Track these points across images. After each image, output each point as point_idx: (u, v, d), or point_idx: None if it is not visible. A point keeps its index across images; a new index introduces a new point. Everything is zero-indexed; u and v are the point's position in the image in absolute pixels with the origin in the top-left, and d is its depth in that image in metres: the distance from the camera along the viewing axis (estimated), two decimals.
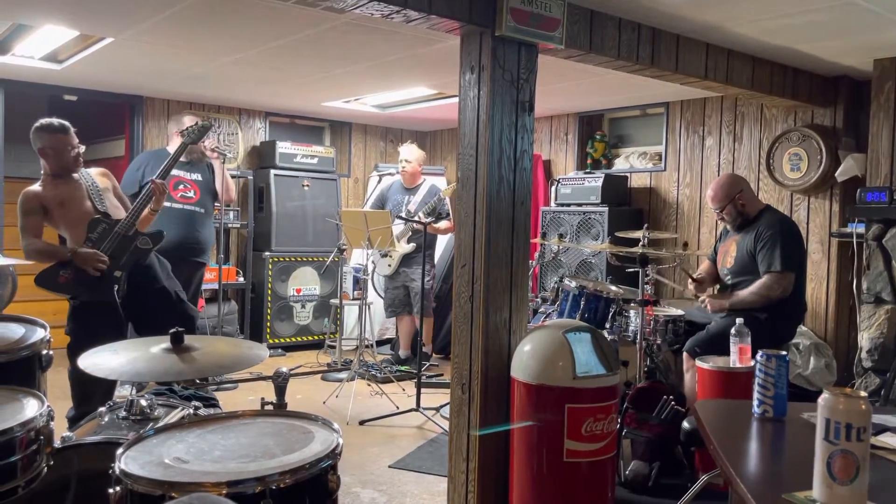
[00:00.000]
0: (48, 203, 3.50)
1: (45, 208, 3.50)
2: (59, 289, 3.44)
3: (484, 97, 2.91)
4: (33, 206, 3.48)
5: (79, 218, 3.52)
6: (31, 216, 3.47)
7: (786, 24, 3.45)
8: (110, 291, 3.44)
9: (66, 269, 3.43)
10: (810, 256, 4.74)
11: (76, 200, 3.55)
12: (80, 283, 3.43)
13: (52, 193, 3.51)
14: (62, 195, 3.52)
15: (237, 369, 2.10)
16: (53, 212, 3.52)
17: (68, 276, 3.42)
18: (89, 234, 3.49)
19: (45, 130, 3.51)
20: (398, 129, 7.68)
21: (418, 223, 5.09)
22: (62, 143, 3.52)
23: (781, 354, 1.86)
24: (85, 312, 3.50)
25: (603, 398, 2.79)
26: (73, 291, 3.47)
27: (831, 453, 1.26)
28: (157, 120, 6.23)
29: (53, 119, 3.59)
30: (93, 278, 3.44)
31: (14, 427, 1.72)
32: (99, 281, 3.44)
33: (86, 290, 3.45)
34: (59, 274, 3.42)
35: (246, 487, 1.53)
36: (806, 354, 4.52)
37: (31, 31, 4.17)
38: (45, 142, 3.51)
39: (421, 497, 3.29)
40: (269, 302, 6.27)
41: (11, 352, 2.28)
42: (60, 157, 3.52)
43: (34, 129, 3.54)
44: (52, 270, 3.43)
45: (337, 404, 4.65)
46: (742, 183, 3.84)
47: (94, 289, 3.44)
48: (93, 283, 3.44)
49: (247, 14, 3.59)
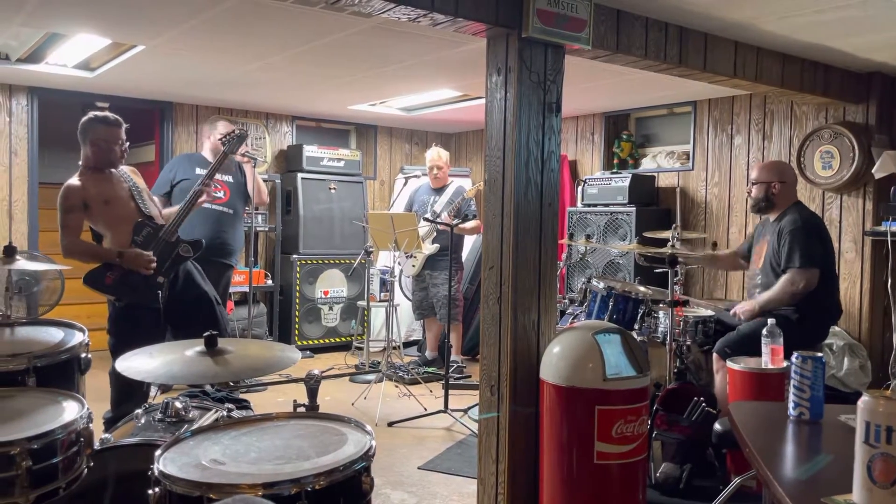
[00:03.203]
0: (91, 200, 3.46)
1: (87, 205, 3.46)
2: (105, 290, 3.47)
3: (511, 99, 2.91)
4: (76, 202, 3.44)
5: (123, 218, 3.52)
6: (74, 213, 3.44)
7: (816, 20, 3.40)
8: (154, 295, 3.48)
9: (113, 270, 3.45)
10: (843, 255, 4.66)
11: (121, 200, 3.54)
12: (126, 285, 3.46)
13: (97, 190, 3.48)
14: (107, 193, 3.50)
15: (270, 372, 2.13)
16: (95, 209, 3.48)
17: (114, 278, 3.44)
18: (135, 237, 3.51)
19: (102, 122, 3.51)
20: (423, 132, 7.70)
21: (445, 225, 5.09)
22: (115, 136, 3.52)
23: (817, 356, 1.84)
24: (128, 314, 3.52)
25: (633, 400, 2.78)
26: (118, 293, 3.49)
27: (871, 456, 1.24)
28: (187, 125, 6.32)
29: (108, 112, 3.59)
30: (138, 282, 3.47)
31: (56, 429, 1.75)
32: (143, 285, 3.48)
33: (131, 293, 3.48)
34: (106, 275, 3.44)
35: (282, 489, 1.55)
36: (840, 355, 4.44)
37: (65, 40, 4.26)
38: (100, 133, 3.50)
39: (450, 498, 3.30)
40: (297, 304, 6.32)
41: (52, 355, 2.32)
42: (110, 150, 3.51)
43: (88, 120, 3.53)
44: (100, 271, 3.45)
45: (365, 406, 4.68)
46: (788, 176, 3.78)
47: (139, 292, 3.48)
48: (138, 286, 3.47)
49: (274, 20, 3.63)
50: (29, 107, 5.66)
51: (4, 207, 5.61)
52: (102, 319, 6.30)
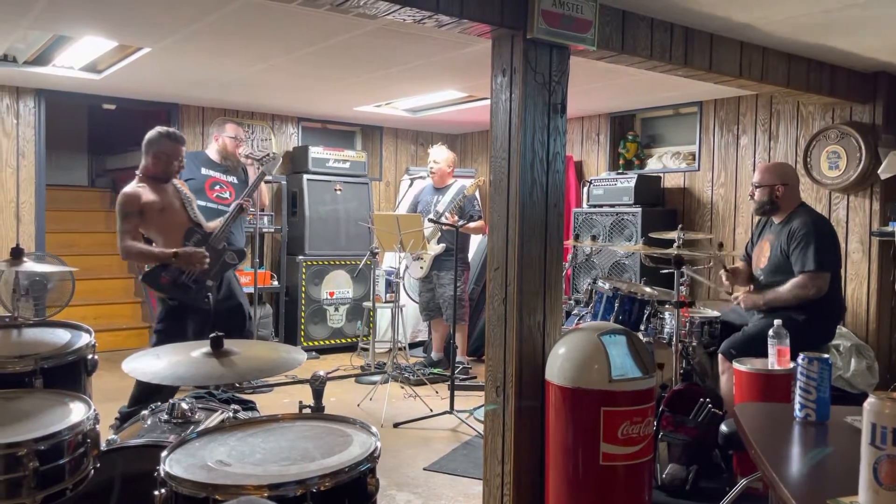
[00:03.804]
0: (148, 208, 3.70)
1: (143, 212, 3.69)
2: (160, 288, 3.74)
3: (516, 100, 2.91)
4: (134, 209, 3.66)
5: (175, 225, 3.80)
6: (132, 218, 3.66)
7: (821, 20, 3.39)
8: (204, 297, 3.78)
9: (167, 271, 3.70)
10: (850, 256, 4.65)
11: (175, 209, 3.82)
12: (179, 285, 3.73)
13: (153, 199, 3.72)
14: (163, 202, 3.76)
15: (276, 373, 2.13)
16: (151, 216, 3.71)
17: (169, 278, 3.70)
18: (185, 243, 3.78)
19: (170, 138, 3.81)
20: (429, 133, 7.70)
21: (449, 225, 5.09)
22: (177, 152, 3.83)
23: (823, 357, 1.83)
24: (179, 314, 3.78)
25: (639, 401, 2.77)
26: (171, 292, 3.75)
27: (877, 458, 1.24)
28: (193, 127, 6.34)
29: (174, 129, 3.95)
30: (189, 283, 3.74)
31: (62, 430, 1.76)
32: (195, 286, 3.76)
33: (183, 293, 3.74)
34: (161, 275, 3.70)
35: (287, 490, 1.55)
36: (847, 356, 4.43)
37: (72, 42, 4.28)
38: (166, 147, 3.78)
39: (456, 499, 3.30)
40: (303, 305, 6.34)
41: (59, 356, 2.34)
42: (170, 164, 3.79)
43: (158, 133, 3.80)
44: (156, 272, 3.70)
45: (371, 407, 4.68)
46: (791, 178, 3.76)
47: (190, 293, 3.75)
48: (189, 287, 3.75)
49: (279, 22, 3.64)
50: (36, 109, 5.69)
51: (12, 209, 5.64)
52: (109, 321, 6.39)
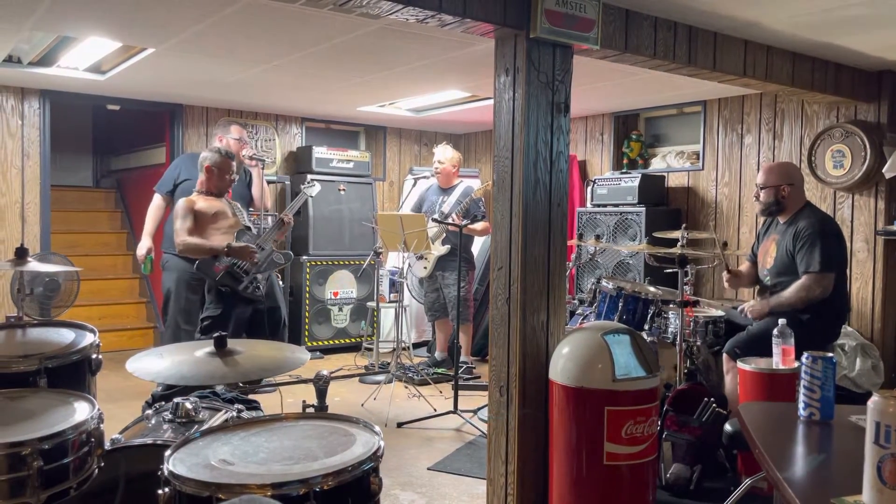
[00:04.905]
0: (202, 212, 4.28)
1: (197, 216, 4.27)
2: (213, 276, 4.22)
3: (519, 99, 2.91)
4: (188, 213, 4.26)
5: (227, 227, 4.33)
6: (188, 219, 4.24)
7: (826, 18, 3.38)
8: (255, 288, 4.30)
9: (220, 261, 4.22)
10: (855, 255, 4.63)
11: (226, 214, 4.38)
12: (230, 275, 4.23)
13: (207, 205, 4.32)
14: (216, 208, 4.35)
15: (279, 373, 2.14)
16: (205, 220, 4.28)
17: (222, 269, 4.21)
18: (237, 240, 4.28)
19: (221, 154, 4.40)
20: (432, 132, 7.70)
21: (454, 225, 5.09)
22: (228, 166, 4.40)
23: (828, 356, 1.83)
24: (230, 302, 4.27)
25: (643, 401, 2.77)
26: (224, 280, 4.24)
27: (882, 457, 1.24)
28: (197, 127, 6.35)
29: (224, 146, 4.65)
30: (240, 274, 4.23)
31: (66, 430, 1.77)
32: (245, 277, 4.25)
33: (234, 282, 4.24)
34: (215, 265, 4.21)
35: (290, 489, 1.55)
36: (852, 355, 4.41)
37: (76, 43, 4.29)
38: (217, 162, 4.35)
39: (460, 499, 3.30)
40: (307, 305, 6.34)
41: (63, 356, 2.34)
42: (222, 177, 4.37)
43: (213, 150, 4.42)
44: (210, 262, 4.21)
45: (375, 406, 4.68)
46: (796, 178, 3.74)
47: (242, 281, 4.24)
48: (241, 278, 4.24)
49: (282, 22, 3.64)
50: (41, 109, 5.70)
51: (17, 210, 5.66)
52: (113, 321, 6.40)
